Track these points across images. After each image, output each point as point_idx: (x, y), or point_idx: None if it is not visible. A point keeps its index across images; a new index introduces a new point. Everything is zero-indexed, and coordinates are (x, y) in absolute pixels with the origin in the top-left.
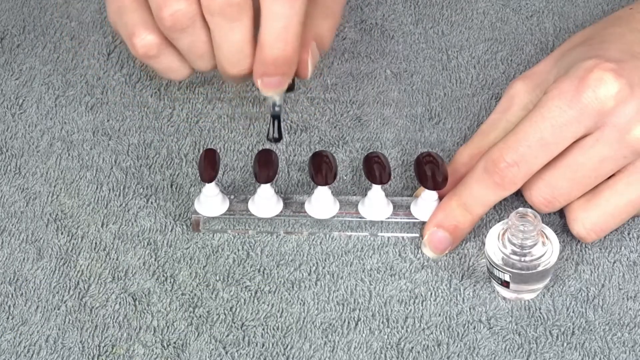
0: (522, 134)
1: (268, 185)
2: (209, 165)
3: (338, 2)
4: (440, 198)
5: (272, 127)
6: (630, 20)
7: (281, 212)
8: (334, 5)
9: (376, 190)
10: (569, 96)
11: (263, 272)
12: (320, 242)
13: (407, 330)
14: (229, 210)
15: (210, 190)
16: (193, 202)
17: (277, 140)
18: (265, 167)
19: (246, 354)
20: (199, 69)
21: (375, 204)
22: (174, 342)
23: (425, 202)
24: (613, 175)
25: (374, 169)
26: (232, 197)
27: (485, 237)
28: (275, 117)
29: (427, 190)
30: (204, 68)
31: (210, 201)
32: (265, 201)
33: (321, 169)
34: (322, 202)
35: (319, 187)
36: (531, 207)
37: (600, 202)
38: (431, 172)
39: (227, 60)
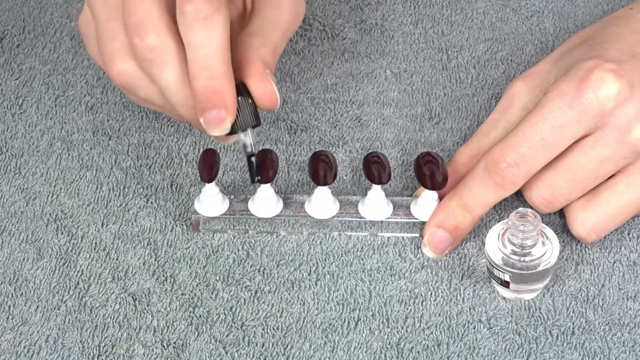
0: (522, 135)
1: (268, 185)
2: (208, 166)
3: (276, 29)
4: (440, 198)
5: (252, 168)
6: (630, 21)
7: (281, 212)
8: (272, 33)
9: (376, 190)
10: (570, 97)
11: (263, 272)
12: (320, 242)
13: (407, 330)
14: (228, 210)
15: (210, 191)
16: (193, 202)
17: (260, 179)
18: (265, 167)
19: (246, 354)
20: (175, 118)
21: (375, 204)
22: (174, 342)
23: (425, 202)
24: (613, 175)
25: (374, 169)
26: (232, 197)
27: (485, 237)
28: (250, 157)
29: (427, 191)
30: (176, 117)
31: (210, 201)
32: (265, 201)
33: (321, 169)
34: (322, 202)
35: (319, 187)
36: (531, 207)
37: (600, 202)
38: (430, 173)
39: (177, 104)
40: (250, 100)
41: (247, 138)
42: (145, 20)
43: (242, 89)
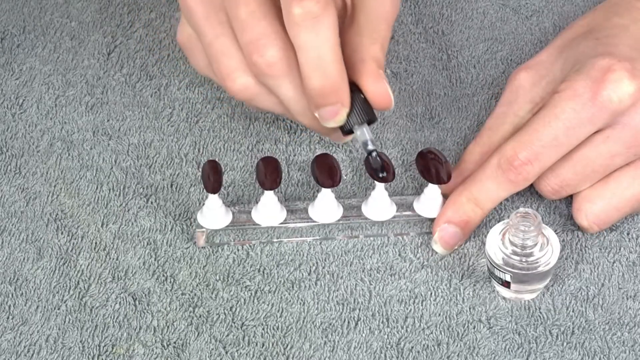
0: (535, 133)
1: (271, 192)
2: (213, 175)
3: (382, 22)
4: (444, 196)
5: (373, 164)
6: (632, 11)
7: (285, 219)
8: (378, 26)
9: (380, 190)
10: (584, 98)
11: (263, 272)
12: (320, 242)
13: (407, 330)
14: (232, 222)
15: (214, 203)
16: (193, 202)
17: (385, 176)
18: (270, 174)
19: (246, 354)
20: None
21: (380, 204)
22: (174, 342)
23: (428, 199)
24: (621, 167)
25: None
26: (235, 209)
27: (486, 236)
28: (371, 153)
29: (430, 186)
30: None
31: (214, 213)
32: (268, 209)
33: (327, 171)
34: (326, 205)
35: (324, 190)
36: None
37: (605, 194)
38: (434, 167)
39: (296, 113)
40: (362, 96)
41: (364, 134)
42: (260, 36)
43: (352, 86)
